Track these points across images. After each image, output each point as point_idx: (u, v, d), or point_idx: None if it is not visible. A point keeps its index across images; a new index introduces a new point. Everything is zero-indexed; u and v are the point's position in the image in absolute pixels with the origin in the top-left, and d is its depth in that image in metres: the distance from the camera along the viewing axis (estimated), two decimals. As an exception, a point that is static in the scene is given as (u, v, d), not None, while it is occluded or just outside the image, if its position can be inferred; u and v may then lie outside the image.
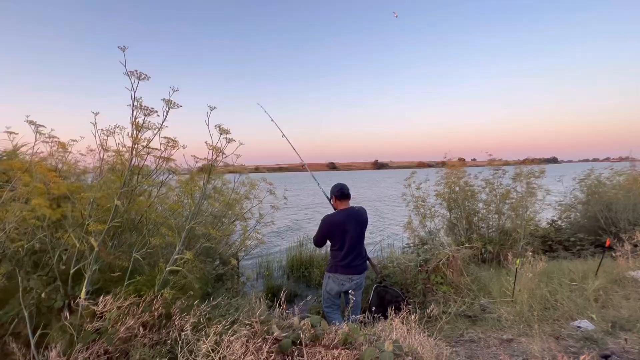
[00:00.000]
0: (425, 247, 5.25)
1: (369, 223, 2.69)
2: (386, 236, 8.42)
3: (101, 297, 1.94)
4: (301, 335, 1.84)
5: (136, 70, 1.80)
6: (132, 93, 1.88)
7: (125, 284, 2.15)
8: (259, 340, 1.83)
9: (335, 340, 1.77)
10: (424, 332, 1.96)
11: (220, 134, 2.11)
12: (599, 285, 2.54)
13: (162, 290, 2.19)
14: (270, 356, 1.70)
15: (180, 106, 1.99)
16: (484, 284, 3.05)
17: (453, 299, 2.77)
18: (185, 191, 2.44)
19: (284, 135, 3.75)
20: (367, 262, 2.82)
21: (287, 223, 11.47)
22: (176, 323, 1.98)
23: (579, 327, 2.14)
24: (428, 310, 1.93)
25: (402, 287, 3.19)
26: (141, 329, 1.94)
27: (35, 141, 2.15)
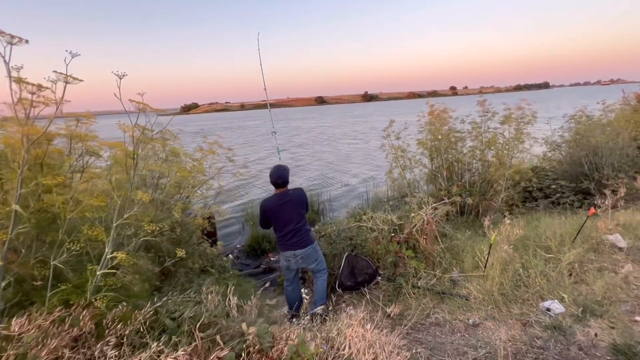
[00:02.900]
0: (406, 199, 5.10)
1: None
2: (372, 184, 8.29)
3: (13, 319, 1.69)
4: (245, 348, 1.67)
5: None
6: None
7: (49, 295, 1.88)
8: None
9: (284, 355, 1.61)
10: (387, 330, 1.81)
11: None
12: (574, 257, 2.41)
13: (95, 297, 1.93)
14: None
15: (27, 41, 1.44)
16: (457, 252, 2.92)
17: (423, 273, 2.64)
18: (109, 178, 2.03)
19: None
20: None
21: (270, 163, 11.21)
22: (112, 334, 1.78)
23: (547, 309, 2.03)
24: (389, 310, 1.75)
25: (373, 258, 3.05)
26: (66, 350, 1.71)
27: None
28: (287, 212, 2.69)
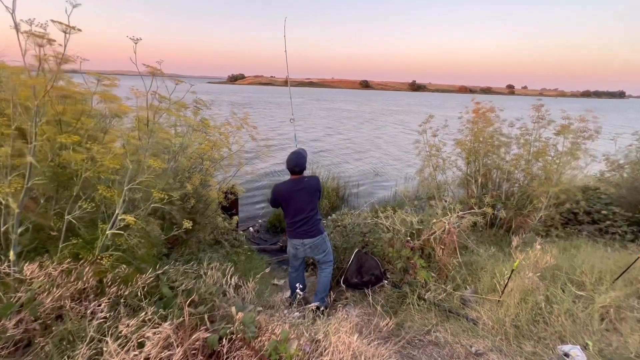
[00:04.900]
0: (432, 202, 4.82)
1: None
2: (405, 179, 7.99)
3: (25, 265, 1.80)
4: (228, 333, 1.65)
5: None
6: None
7: (61, 246, 1.98)
8: (187, 333, 1.66)
9: (265, 346, 1.57)
10: (379, 341, 1.71)
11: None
12: (612, 300, 2.10)
13: (102, 255, 2.00)
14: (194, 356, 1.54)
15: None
16: (475, 268, 2.69)
17: (432, 286, 2.46)
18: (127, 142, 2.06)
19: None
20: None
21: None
22: (112, 292, 1.86)
23: (566, 355, 1.80)
24: (382, 323, 1.64)
25: (384, 259, 2.91)
26: (68, 301, 1.79)
27: None
28: (300, 200, 2.63)
